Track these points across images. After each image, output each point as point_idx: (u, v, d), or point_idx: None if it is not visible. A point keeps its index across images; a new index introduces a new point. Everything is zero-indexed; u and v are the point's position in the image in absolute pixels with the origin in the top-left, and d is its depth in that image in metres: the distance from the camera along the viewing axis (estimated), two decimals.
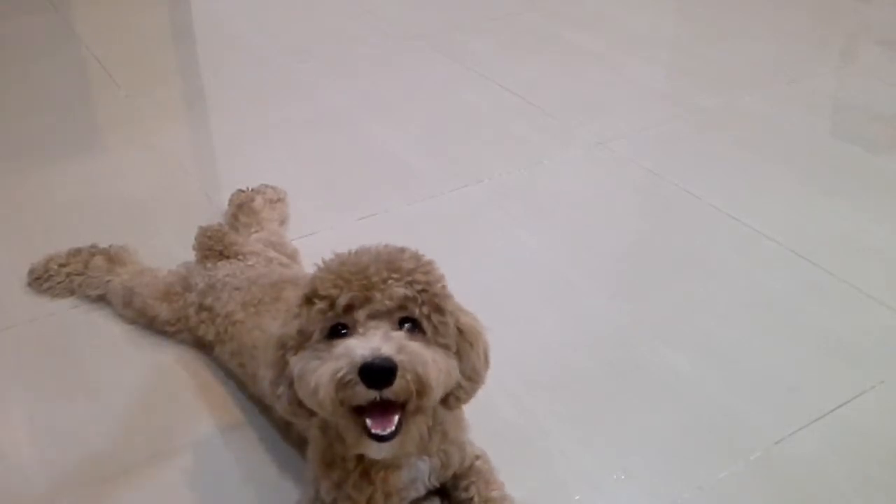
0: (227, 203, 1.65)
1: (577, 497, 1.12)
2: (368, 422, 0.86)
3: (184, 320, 1.34)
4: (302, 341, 0.89)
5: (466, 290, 0.99)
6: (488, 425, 1.21)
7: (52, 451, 1.20)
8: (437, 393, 0.86)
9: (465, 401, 0.95)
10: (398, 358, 0.83)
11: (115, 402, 1.28)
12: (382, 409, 0.86)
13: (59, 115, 2.12)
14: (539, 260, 1.59)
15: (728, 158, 1.91)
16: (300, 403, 0.90)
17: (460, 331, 0.92)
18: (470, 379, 0.93)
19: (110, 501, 1.13)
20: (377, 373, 0.82)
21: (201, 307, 1.31)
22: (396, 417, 0.86)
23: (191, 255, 1.40)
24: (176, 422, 1.24)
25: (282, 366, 0.91)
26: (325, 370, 0.84)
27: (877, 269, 1.54)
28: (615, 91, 2.22)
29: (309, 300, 0.89)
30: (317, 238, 1.63)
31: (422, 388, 0.84)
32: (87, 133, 2.08)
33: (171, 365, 1.34)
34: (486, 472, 1.09)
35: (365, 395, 0.83)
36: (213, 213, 1.68)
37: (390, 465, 0.98)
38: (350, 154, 1.95)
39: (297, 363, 0.88)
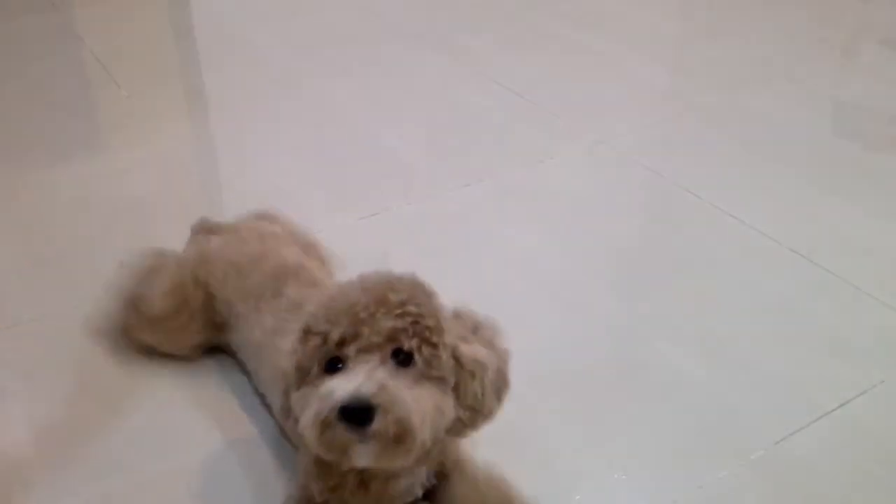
0: (227, 204, 1.64)
1: (577, 497, 1.12)
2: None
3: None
4: (302, 377, 0.90)
5: (467, 289, 0.99)
6: (488, 425, 1.21)
7: (52, 451, 1.20)
8: (420, 436, 0.85)
9: (468, 433, 0.94)
10: (377, 399, 0.82)
11: (116, 401, 1.28)
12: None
13: (59, 115, 2.12)
14: (539, 258, 1.59)
15: (729, 157, 1.91)
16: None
17: (458, 361, 0.91)
18: (472, 409, 0.92)
19: (110, 500, 1.13)
20: (355, 414, 0.82)
21: (197, 282, 1.27)
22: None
23: None
24: (177, 421, 1.24)
25: (288, 398, 0.93)
26: (310, 413, 0.85)
27: (877, 268, 1.54)
28: (616, 89, 2.22)
29: (305, 336, 0.90)
30: (317, 238, 1.62)
31: (402, 432, 0.83)
32: (87, 133, 2.08)
33: (172, 365, 1.34)
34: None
35: (347, 436, 0.83)
36: (214, 212, 1.68)
37: (390, 477, 0.97)
38: (350, 153, 1.95)
39: (296, 402, 0.90)
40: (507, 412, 1.24)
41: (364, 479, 0.97)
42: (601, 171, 1.87)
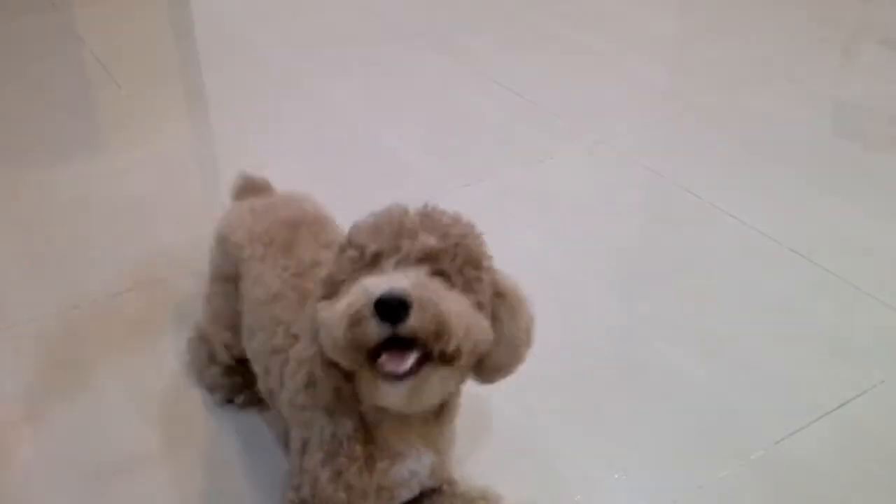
0: (227, 204, 1.59)
1: (577, 497, 1.12)
2: (382, 357, 0.80)
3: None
4: (332, 290, 0.86)
5: None
6: (488, 425, 1.22)
7: (52, 451, 1.20)
8: (458, 335, 0.79)
9: (504, 372, 0.90)
10: (415, 293, 0.78)
11: (115, 401, 1.28)
12: (399, 350, 0.80)
13: (59, 115, 2.12)
14: (539, 258, 1.59)
15: (729, 157, 1.91)
16: (328, 365, 0.87)
17: (500, 294, 0.88)
18: (508, 347, 0.88)
19: (110, 500, 1.13)
20: (391, 306, 0.77)
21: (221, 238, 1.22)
22: (413, 356, 0.80)
23: (192, 255, 1.40)
24: (176, 420, 1.24)
25: (315, 320, 0.88)
26: (341, 305, 0.80)
27: (877, 268, 1.54)
28: (616, 89, 2.22)
29: (342, 248, 0.87)
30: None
31: (440, 328, 0.78)
32: (88, 133, 2.08)
33: (171, 363, 1.34)
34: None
35: (378, 330, 0.78)
36: (214, 212, 1.68)
37: (396, 455, 0.96)
38: (350, 153, 1.95)
39: (322, 309, 0.85)
40: (507, 412, 1.25)
41: (371, 455, 0.95)
42: (601, 171, 1.87)
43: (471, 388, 1.28)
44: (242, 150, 1.95)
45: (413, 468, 0.99)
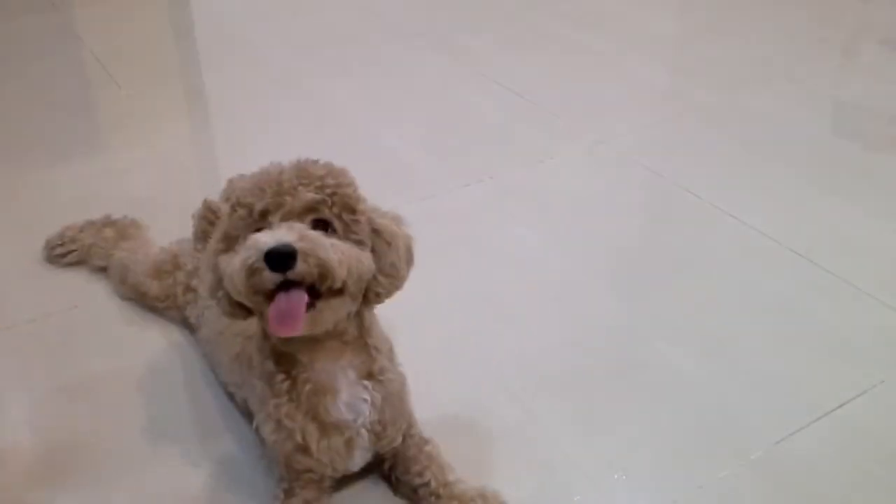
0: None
1: (577, 497, 1.12)
2: (272, 308, 0.92)
3: (172, 298, 1.40)
4: (229, 246, 0.97)
5: (467, 288, 1.00)
6: (489, 425, 1.22)
7: (52, 451, 1.20)
8: (339, 274, 0.92)
9: (386, 295, 1.01)
10: (299, 245, 0.90)
11: (115, 401, 1.28)
12: (288, 290, 0.92)
13: (59, 115, 2.13)
14: (540, 259, 1.59)
15: (729, 157, 1.91)
16: (235, 303, 0.98)
17: (376, 231, 1.00)
18: (388, 275, 1.00)
19: (110, 501, 1.13)
20: (279, 257, 0.90)
21: (188, 288, 1.37)
22: (302, 307, 0.92)
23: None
24: (176, 420, 1.24)
25: (217, 270, 0.99)
26: (237, 260, 0.93)
27: (877, 268, 1.54)
28: (616, 89, 2.22)
29: (232, 208, 0.98)
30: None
31: (324, 271, 0.91)
32: (87, 133, 2.08)
33: (171, 364, 1.34)
34: (438, 457, 1.10)
35: (271, 278, 0.91)
36: None
37: (327, 388, 1.01)
38: (350, 153, 1.92)
39: (223, 262, 0.97)
40: (507, 412, 1.25)
41: (295, 387, 1.02)
42: (601, 171, 1.87)
43: (470, 389, 1.28)
44: (242, 150, 1.95)
45: (349, 401, 1.02)
